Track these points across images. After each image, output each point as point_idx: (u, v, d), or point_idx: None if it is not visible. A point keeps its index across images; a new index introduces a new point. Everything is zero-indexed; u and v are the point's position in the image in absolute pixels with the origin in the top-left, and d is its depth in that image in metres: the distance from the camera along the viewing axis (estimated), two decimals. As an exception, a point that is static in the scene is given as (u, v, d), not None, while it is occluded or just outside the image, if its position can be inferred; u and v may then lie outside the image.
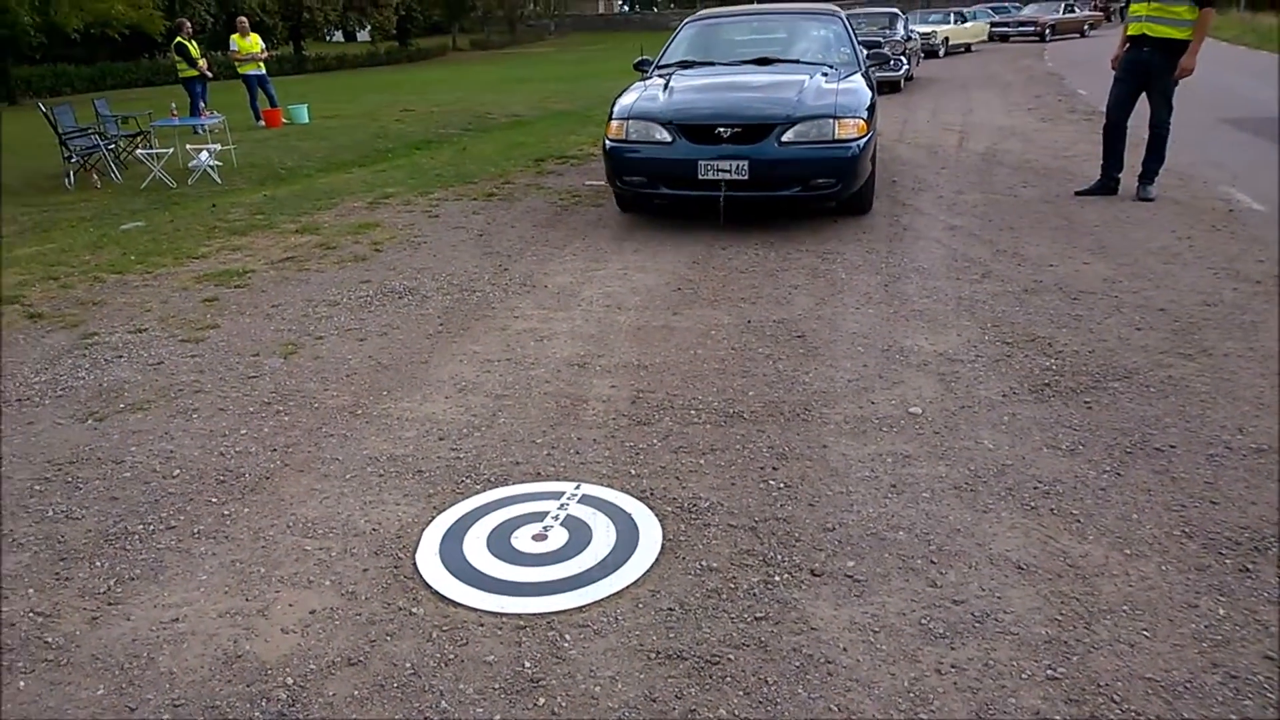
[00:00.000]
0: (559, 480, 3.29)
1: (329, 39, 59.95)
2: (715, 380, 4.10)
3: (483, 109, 18.28)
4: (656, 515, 3.02)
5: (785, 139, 6.32)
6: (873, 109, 6.81)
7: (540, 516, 3.05)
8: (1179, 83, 6.97)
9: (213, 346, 4.83)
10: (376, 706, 2.22)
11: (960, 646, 2.34)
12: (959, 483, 3.14)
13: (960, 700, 2.16)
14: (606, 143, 6.87)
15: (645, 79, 7.73)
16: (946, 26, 29.52)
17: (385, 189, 9.44)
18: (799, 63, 7.62)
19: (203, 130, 12.49)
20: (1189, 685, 2.18)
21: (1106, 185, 7.46)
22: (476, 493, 3.22)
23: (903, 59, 17.46)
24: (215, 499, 3.24)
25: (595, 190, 8.63)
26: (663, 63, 8.09)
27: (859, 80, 7.04)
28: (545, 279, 5.82)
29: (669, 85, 7.08)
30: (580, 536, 2.92)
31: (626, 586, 2.66)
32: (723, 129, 6.37)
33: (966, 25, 31.13)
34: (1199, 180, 7.91)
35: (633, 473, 3.31)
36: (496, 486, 3.26)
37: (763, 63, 7.61)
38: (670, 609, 2.55)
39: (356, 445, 3.61)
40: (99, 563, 2.88)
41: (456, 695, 2.25)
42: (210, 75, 15.84)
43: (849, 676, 2.26)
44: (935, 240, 6.34)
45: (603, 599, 2.61)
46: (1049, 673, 2.23)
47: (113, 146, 11.29)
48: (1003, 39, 34.88)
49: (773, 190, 6.47)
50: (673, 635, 2.44)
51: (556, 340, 4.70)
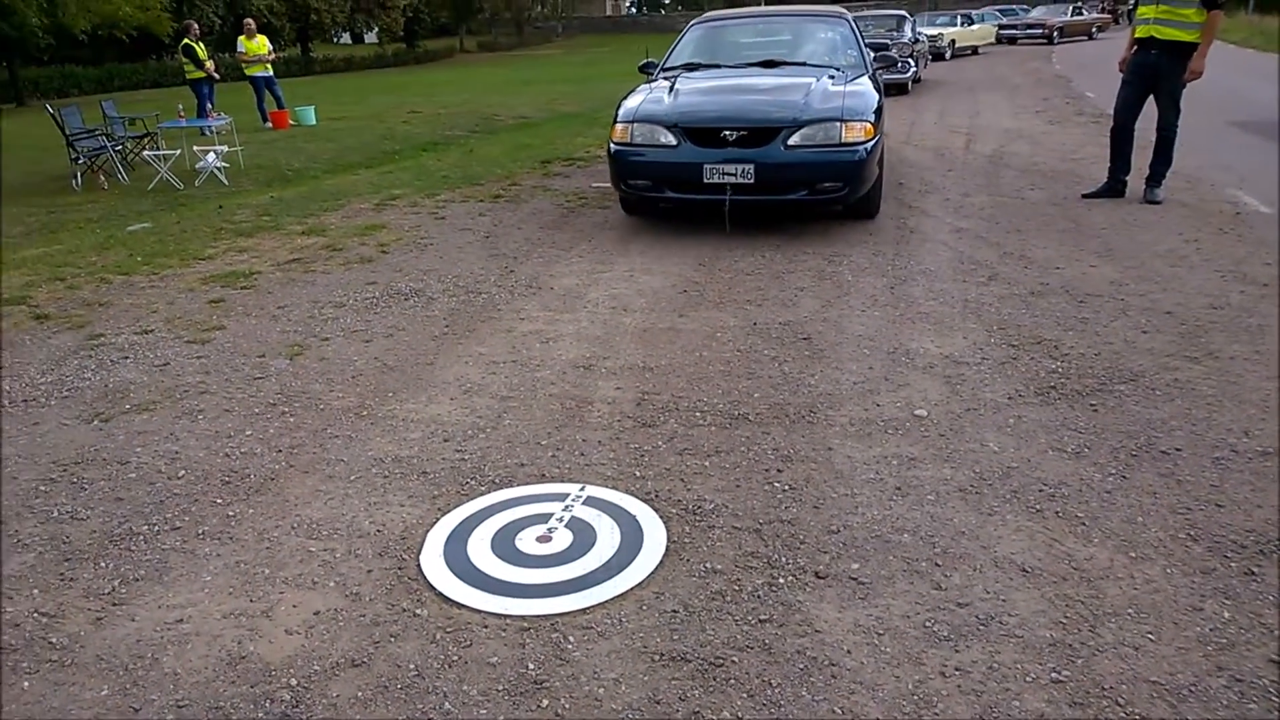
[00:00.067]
0: (564, 482, 3.29)
1: (336, 41, 60.16)
2: (721, 382, 4.10)
3: (490, 111, 18.32)
4: (661, 517, 3.01)
5: (791, 142, 6.25)
6: (880, 112, 6.75)
7: (545, 518, 3.05)
8: (1187, 85, 6.96)
9: (218, 348, 4.84)
10: (380, 708, 2.22)
11: (965, 649, 2.34)
12: (964, 485, 3.14)
13: (964, 703, 2.16)
14: (611, 146, 6.83)
15: (650, 82, 7.66)
16: (953, 29, 29.59)
17: (392, 190, 9.45)
18: (805, 65, 7.54)
19: (210, 132, 12.54)
20: (1194, 688, 2.17)
21: (1114, 188, 7.45)
22: (481, 494, 3.22)
23: (910, 61, 17.46)
24: (220, 500, 3.25)
25: (602, 192, 8.63)
26: (668, 65, 8.01)
27: (866, 83, 6.98)
28: (551, 281, 5.83)
29: (674, 88, 7.03)
30: (584, 538, 2.92)
31: (630, 588, 2.66)
32: (728, 132, 6.31)
33: (973, 28, 31.18)
34: (1206, 183, 7.89)
35: (637, 474, 3.31)
36: (501, 488, 3.26)
37: (769, 65, 7.54)
38: (674, 611, 2.55)
39: (361, 446, 3.62)
40: (104, 563, 2.89)
41: (460, 697, 2.25)
42: (217, 77, 15.90)
43: (853, 679, 2.25)
44: (942, 242, 6.33)
45: (607, 601, 2.61)
46: (1053, 675, 2.23)
47: (120, 148, 11.33)
48: (1010, 41, 34.89)
49: (779, 194, 6.41)
50: (677, 637, 2.44)
51: (562, 342, 4.70)
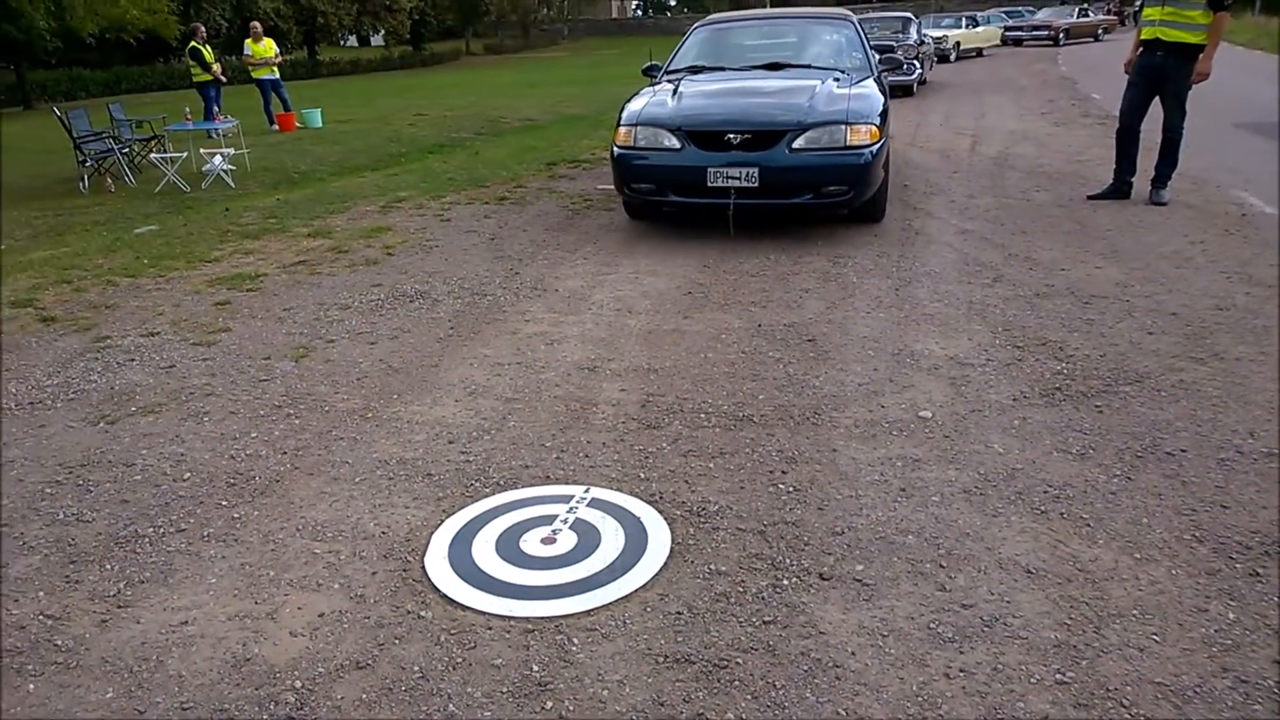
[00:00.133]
0: (568, 484, 3.29)
1: (343, 43, 60.32)
2: (725, 384, 4.10)
3: (495, 113, 18.35)
4: (665, 519, 3.02)
5: (796, 146, 6.20)
6: (885, 115, 6.72)
7: (549, 520, 3.05)
8: (1194, 87, 6.94)
9: (224, 350, 4.85)
10: (384, 710, 2.23)
11: (969, 650, 2.34)
12: (969, 487, 3.13)
13: (969, 704, 2.16)
14: (614, 149, 6.80)
15: (654, 84, 7.62)
16: (958, 31, 29.59)
17: (398, 193, 9.47)
18: (810, 68, 7.48)
19: (216, 134, 12.56)
20: (1198, 690, 2.17)
21: (1119, 189, 7.43)
22: (485, 496, 3.22)
23: (916, 63, 17.45)
24: (225, 502, 3.26)
25: (607, 194, 8.63)
26: (672, 68, 7.95)
27: (871, 85, 6.94)
28: (556, 283, 5.83)
29: (678, 91, 6.99)
30: (589, 540, 2.92)
31: (635, 590, 2.66)
32: (732, 135, 6.27)
33: (978, 30, 31.19)
34: (1212, 184, 7.87)
35: (642, 476, 3.31)
36: (505, 490, 3.26)
37: (773, 68, 7.50)
38: (678, 613, 2.55)
39: (366, 448, 3.63)
40: (109, 565, 2.90)
41: (464, 699, 2.25)
42: (224, 80, 15.95)
43: (857, 680, 2.25)
44: (947, 244, 6.33)
45: (611, 603, 2.61)
46: (1058, 677, 2.22)
47: (127, 150, 11.38)
48: (1016, 43, 34.84)
49: (783, 198, 6.38)
50: (681, 639, 2.44)
51: (567, 344, 4.71)
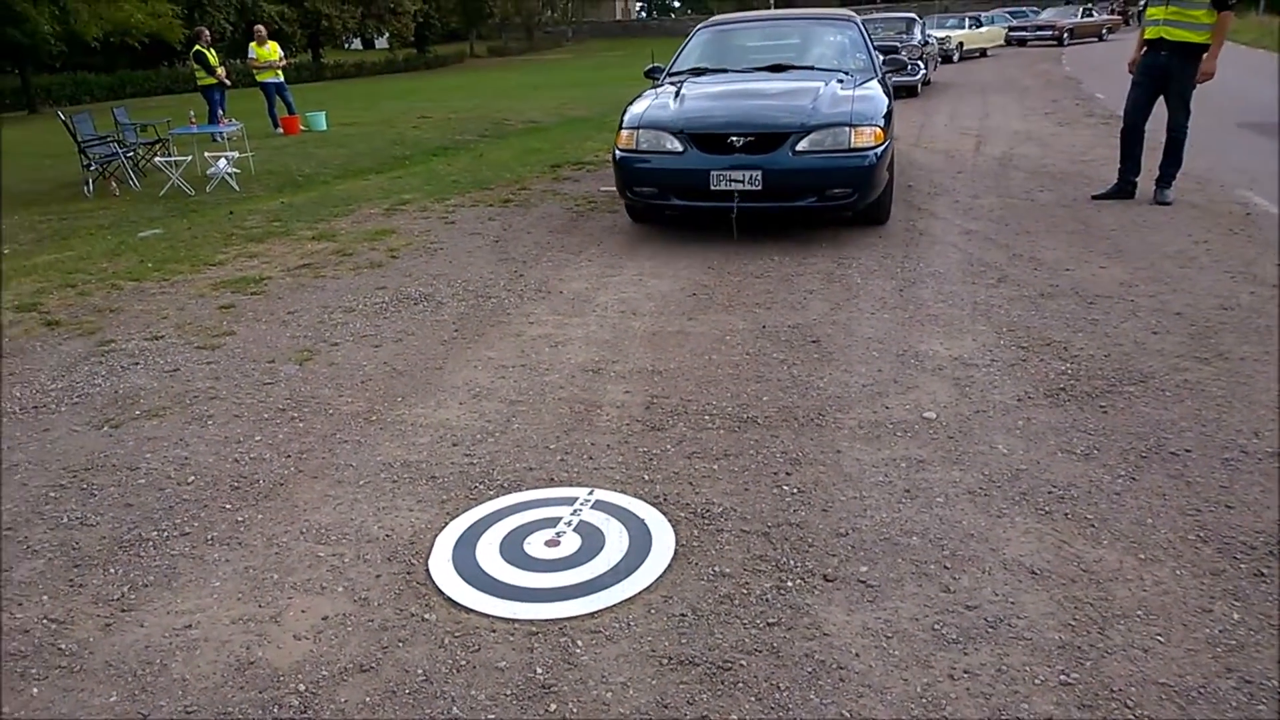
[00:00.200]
0: (572, 486, 3.29)
1: (347, 46, 60.30)
2: (729, 385, 4.09)
3: (500, 115, 18.36)
4: (669, 521, 3.01)
5: (800, 148, 6.16)
6: (890, 116, 6.69)
7: (553, 522, 3.05)
8: (1198, 86, 6.93)
9: (228, 353, 4.86)
10: (388, 713, 2.23)
11: (973, 652, 2.33)
12: (973, 488, 3.13)
13: (973, 706, 2.15)
14: (616, 153, 6.77)
15: (656, 87, 7.59)
16: (961, 31, 29.53)
17: (402, 195, 9.48)
18: (814, 69, 7.46)
19: (221, 138, 12.61)
20: (1203, 690, 2.16)
21: (1123, 189, 7.42)
22: (490, 498, 3.22)
23: (920, 64, 17.44)
24: (229, 505, 3.26)
25: (611, 196, 8.62)
26: (674, 70, 7.91)
27: (875, 87, 6.91)
28: (560, 285, 5.83)
29: (680, 93, 6.96)
30: (593, 542, 2.92)
31: (639, 592, 2.66)
32: (735, 138, 6.23)
33: (982, 30, 31.14)
34: (1216, 184, 7.86)
35: (646, 478, 3.31)
36: (510, 492, 3.26)
37: (776, 70, 7.47)
38: (683, 615, 2.55)
39: (370, 451, 3.63)
40: (113, 569, 2.90)
41: (468, 701, 2.25)
42: (229, 83, 15.99)
43: (861, 682, 2.25)
44: (951, 245, 6.32)
45: (615, 605, 2.61)
46: (1062, 678, 2.22)
47: (131, 154, 11.40)
48: (1020, 43, 34.82)
49: (787, 201, 6.33)
50: (685, 641, 2.43)
51: (571, 346, 4.71)
